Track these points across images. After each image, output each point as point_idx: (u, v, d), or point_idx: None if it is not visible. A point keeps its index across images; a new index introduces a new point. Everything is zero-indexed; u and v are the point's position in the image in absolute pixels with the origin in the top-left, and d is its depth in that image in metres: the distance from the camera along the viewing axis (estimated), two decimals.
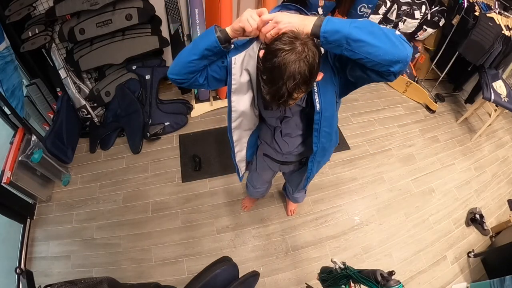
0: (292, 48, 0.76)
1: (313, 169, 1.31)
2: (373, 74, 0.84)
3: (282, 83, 0.78)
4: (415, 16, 2.82)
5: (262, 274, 1.76)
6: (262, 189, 1.87)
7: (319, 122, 1.05)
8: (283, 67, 0.76)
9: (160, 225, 2.10)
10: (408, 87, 3.13)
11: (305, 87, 0.82)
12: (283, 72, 0.76)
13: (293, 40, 0.77)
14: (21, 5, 1.90)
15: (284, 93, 0.80)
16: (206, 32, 0.91)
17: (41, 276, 1.85)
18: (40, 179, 2.14)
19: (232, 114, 1.09)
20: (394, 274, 1.00)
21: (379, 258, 2.06)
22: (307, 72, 0.78)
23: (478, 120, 3.08)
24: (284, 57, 0.76)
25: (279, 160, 1.40)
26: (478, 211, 2.29)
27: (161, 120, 2.58)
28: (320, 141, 1.12)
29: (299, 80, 0.78)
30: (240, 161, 1.39)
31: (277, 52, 0.77)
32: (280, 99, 0.82)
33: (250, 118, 1.15)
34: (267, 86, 0.82)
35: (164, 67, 2.54)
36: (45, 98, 2.33)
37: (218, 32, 0.89)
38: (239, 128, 1.19)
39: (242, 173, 1.49)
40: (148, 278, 1.89)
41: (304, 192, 1.92)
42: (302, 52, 0.76)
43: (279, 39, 0.79)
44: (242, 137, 1.24)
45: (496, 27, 2.41)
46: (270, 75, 0.80)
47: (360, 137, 2.75)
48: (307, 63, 0.77)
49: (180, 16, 2.36)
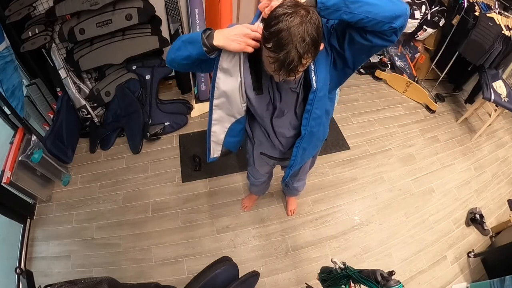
0: (295, 12, 0.76)
1: (297, 156, 1.24)
2: (374, 38, 0.83)
3: (292, 46, 0.76)
4: (415, 16, 2.82)
5: (262, 274, 1.76)
6: (263, 179, 1.85)
7: (313, 103, 1.02)
8: (291, 29, 0.75)
9: (160, 225, 2.10)
10: (408, 87, 3.13)
11: (314, 51, 0.81)
12: (292, 34, 0.75)
13: (294, 5, 0.77)
14: (21, 5, 1.90)
15: (294, 57, 0.77)
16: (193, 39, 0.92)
17: (41, 276, 1.85)
18: (40, 179, 2.14)
19: (215, 90, 1.06)
20: (394, 274, 0.99)
21: (379, 258, 2.06)
22: (315, 33, 0.77)
23: (478, 120, 3.08)
24: (290, 20, 0.75)
25: (276, 157, 1.39)
26: (478, 211, 2.29)
27: (161, 120, 2.58)
28: (310, 124, 1.09)
29: (309, 41, 0.77)
30: (215, 143, 1.26)
31: (280, 16, 0.76)
32: (290, 64, 0.79)
33: (234, 104, 1.09)
34: (275, 52, 0.79)
35: (164, 67, 2.54)
36: (45, 98, 2.33)
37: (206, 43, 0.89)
38: (221, 109, 1.13)
39: (213, 156, 1.32)
40: (148, 278, 1.89)
41: (303, 181, 1.88)
42: (306, 15, 0.76)
43: (280, 6, 0.78)
44: (223, 120, 1.17)
45: (496, 27, 2.41)
46: (277, 40, 0.77)
47: (360, 137, 2.75)
48: (314, 25, 0.77)
49: (180, 16, 2.36)
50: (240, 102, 1.08)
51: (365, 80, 3.31)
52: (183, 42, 0.96)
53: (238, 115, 1.14)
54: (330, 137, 1.33)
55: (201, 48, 0.90)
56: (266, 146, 1.34)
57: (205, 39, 0.90)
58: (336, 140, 2.67)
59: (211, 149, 1.30)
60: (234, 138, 1.26)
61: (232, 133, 1.22)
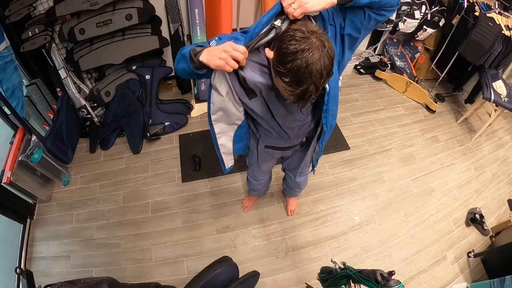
0: (311, 45, 0.76)
1: (322, 147, 1.35)
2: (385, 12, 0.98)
3: (310, 82, 0.78)
4: (415, 16, 2.82)
5: (262, 274, 1.76)
6: (264, 180, 1.85)
7: (327, 102, 1.06)
8: (310, 67, 0.76)
9: (160, 225, 2.10)
10: (408, 87, 3.13)
11: (328, 79, 0.83)
12: (311, 72, 0.77)
13: (308, 35, 0.77)
14: (21, 5, 1.90)
15: (312, 91, 0.80)
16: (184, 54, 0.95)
17: (41, 276, 1.85)
18: (40, 179, 2.14)
19: (211, 106, 1.09)
20: (394, 274, 1.00)
21: (379, 258, 2.06)
22: (330, 66, 0.79)
23: (478, 120, 3.08)
24: (308, 57, 0.76)
25: (283, 146, 1.40)
26: (478, 211, 2.29)
27: (161, 120, 2.58)
28: (328, 120, 1.14)
29: (326, 76, 0.79)
30: (226, 154, 1.34)
31: (298, 53, 0.76)
32: (309, 97, 0.82)
33: (232, 114, 1.12)
34: (292, 87, 0.81)
35: (164, 67, 2.54)
36: (45, 98, 2.33)
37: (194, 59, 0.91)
38: (221, 122, 1.16)
39: (228, 166, 1.42)
40: (148, 278, 1.89)
41: (306, 176, 1.87)
42: (322, 46, 0.77)
43: (293, 38, 0.78)
44: (226, 130, 1.21)
45: (496, 27, 2.41)
46: (295, 77, 0.79)
47: (360, 137, 2.75)
48: (330, 57, 0.79)
49: (180, 16, 2.36)
50: (237, 110, 1.11)
51: (365, 80, 3.31)
52: (181, 55, 0.98)
53: (238, 121, 1.17)
54: (330, 137, 1.35)
55: (189, 66, 0.92)
56: (271, 139, 1.34)
57: (193, 56, 0.91)
58: (336, 140, 2.67)
59: (224, 161, 1.37)
60: (241, 142, 1.31)
61: (238, 138, 1.27)
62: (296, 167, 1.67)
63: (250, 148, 1.56)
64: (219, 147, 1.28)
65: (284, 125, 1.19)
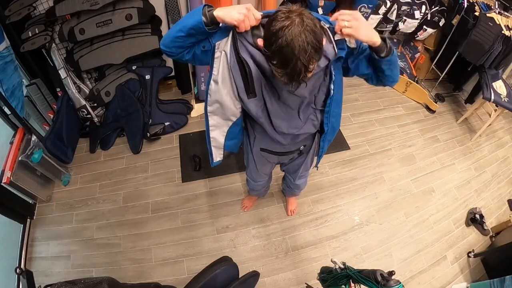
0: (291, 22, 0.77)
1: (324, 147, 1.35)
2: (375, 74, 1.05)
3: (296, 59, 0.78)
4: (415, 16, 2.82)
5: (262, 274, 1.76)
6: (263, 181, 1.84)
7: (330, 105, 1.12)
8: (291, 43, 0.76)
9: (160, 225, 2.10)
10: (408, 87, 3.13)
11: (318, 56, 0.83)
12: (293, 48, 0.77)
13: (288, 14, 0.78)
14: (21, 5, 1.90)
15: (301, 68, 0.80)
16: (194, 11, 0.91)
17: (41, 276, 1.85)
18: (40, 179, 2.14)
19: (208, 97, 1.10)
20: (394, 274, 1.00)
21: (379, 258, 2.06)
22: (314, 40, 0.78)
23: (478, 120, 3.08)
24: (288, 34, 0.76)
25: (278, 151, 1.39)
26: (478, 211, 2.29)
27: (161, 120, 2.58)
28: (330, 121, 1.18)
29: (311, 50, 0.78)
30: (216, 147, 1.32)
31: (278, 32, 0.77)
32: (299, 76, 0.82)
33: (228, 109, 1.12)
34: (282, 68, 0.82)
35: (164, 67, 2.54)
36: (45, 98, 2.33)
37: (207, 14, 0.89)
38: (217, 115, 1.17)
39: (216, 160, 1.39)
40: (148, 278, 1.89)
41: (305, 178, 1.87)
42: (302, 22, 0.77)
43: (274, 19, 0.79)
44: (220, 125, 1.21)
45: (496, 27, 2.41)
46: (281, 56, 0.80)
47: (360, 137, 2.75)
48: (312, 31, 0.78)
49: (180, 16, 2.36)
50: (234, 106, 1.11)
51: None
52: (183, 17, 0.98)
53: (233, 117, 1.17)
54: None
55: (200, 17, 0.88)
56: (266, 141, 1.34)
57: (206, 11, 0.90)
58: (336, 140, 2.67)
59: (213, 154, 1.36)
60: (233, 140, 1.30)
61: (231, 135, 1.26)
62: (295, 171, 1.67)
63: (246, 151, 1.55)
64: (210, 140, 1.28)
65: (279, 128, 1.18)
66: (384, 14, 2.73)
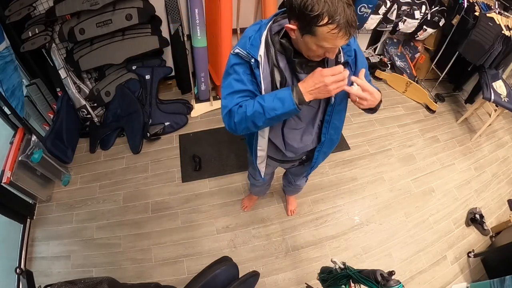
0: None
1: (319, 159, 1.35)
2: None
3: (342, 3, 0.78)
4: (415, 16, 2.82)
5: (262, 274, 1.76)
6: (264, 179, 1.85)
7: (331, 114, 1.12)
8: None
9: (160, 225, 2.10)
10: (408, 87, 3.13)
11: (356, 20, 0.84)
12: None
13: None
14: (21, 5, 1.90)
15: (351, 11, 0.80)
16: (282, 101, 0.91)
17: (41, 276, 1.85)
18: (40, 179, 2.14)
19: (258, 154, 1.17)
20: (394, 274, 1.00)
21: (379, 258, 2.06)
22: None
23: (478, 120, 3.08)
24: None
25: (280, 159, 1.40)
26: (478, 211, 2.29)
27: (161, 120, 2.58)
28: (329, 132, 1.18)
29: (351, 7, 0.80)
30: (261, 163, 1.36)
31: None
32: (352, 18, 0.80)
33: None
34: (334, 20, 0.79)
35: (164, 67, 2.54)
36: (45, 98, 2.33)
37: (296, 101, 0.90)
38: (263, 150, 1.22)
39: (263, 173, 1.44)
40: (148, 278, 1.89)
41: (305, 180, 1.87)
42: None
43: None
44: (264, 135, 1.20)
45: (496, 27, 2.41)
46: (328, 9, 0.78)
47: (360, 137, 2.75)
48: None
49: (180, 16, 2.36)
50: None
51: None
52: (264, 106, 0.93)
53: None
54: None
55: (294, 106, 0.90)
56: (270, 149, 1.34)
57: (295, 97, 0.90)
58: None
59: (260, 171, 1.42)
60: None
61: None
62: (298, 174, 1.69)
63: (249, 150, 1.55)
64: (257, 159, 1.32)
65: (288, 142, 1.21)
66: (384, 14, 2.73)
